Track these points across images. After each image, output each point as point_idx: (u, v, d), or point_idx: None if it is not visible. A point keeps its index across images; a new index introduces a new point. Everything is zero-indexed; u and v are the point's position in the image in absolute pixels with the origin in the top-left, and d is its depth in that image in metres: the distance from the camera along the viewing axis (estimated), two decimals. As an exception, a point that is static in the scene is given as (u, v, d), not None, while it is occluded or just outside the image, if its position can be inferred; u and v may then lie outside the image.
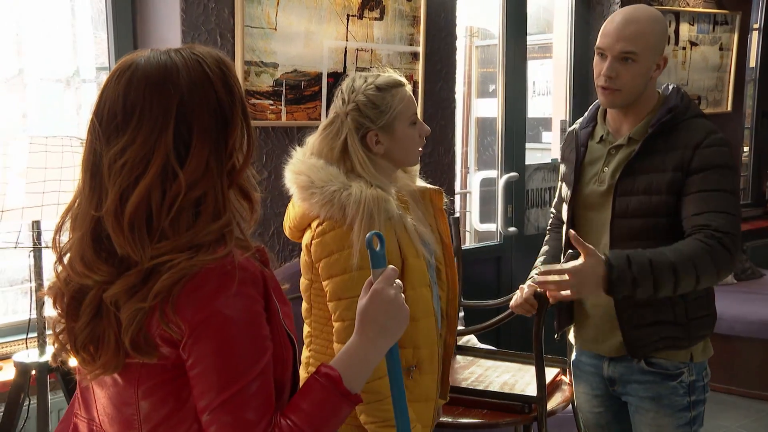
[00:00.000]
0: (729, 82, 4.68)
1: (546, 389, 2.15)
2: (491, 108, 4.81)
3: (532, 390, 2.21)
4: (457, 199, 4.78)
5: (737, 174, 1.94)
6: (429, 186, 1.89)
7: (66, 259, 1.10)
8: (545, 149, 4.86)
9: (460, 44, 3.62)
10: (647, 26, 1.90)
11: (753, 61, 5.31)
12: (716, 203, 1.83)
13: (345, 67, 3.07)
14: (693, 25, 4.37)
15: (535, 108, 4.40)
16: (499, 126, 4.00)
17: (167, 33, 2.68)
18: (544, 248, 2.24)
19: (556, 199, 2.24)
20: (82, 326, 1.08)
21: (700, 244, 1.78)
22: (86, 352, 1.09)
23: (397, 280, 1.19)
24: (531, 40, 4.07)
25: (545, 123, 5.18)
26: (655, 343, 1.93)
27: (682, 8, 4.27)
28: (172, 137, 1.05)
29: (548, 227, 2.28)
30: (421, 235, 1.76)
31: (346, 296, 1.63)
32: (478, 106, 5.74)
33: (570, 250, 2.09)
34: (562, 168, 2.13)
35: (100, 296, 1.06)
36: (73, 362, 2.45)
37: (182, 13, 2.63)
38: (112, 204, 1.04)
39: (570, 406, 2.34)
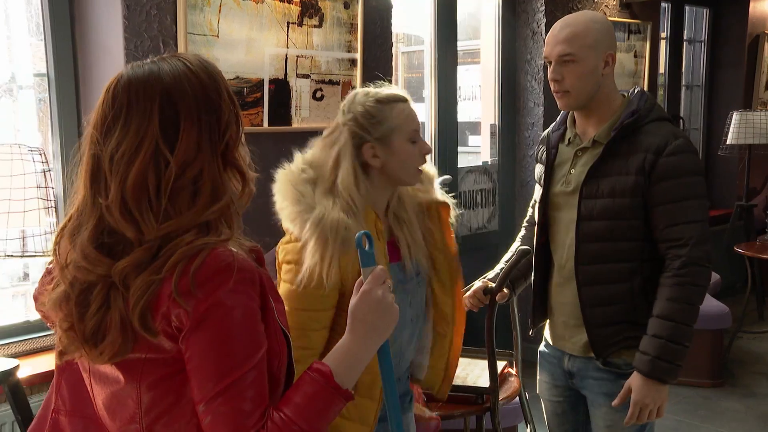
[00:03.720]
0: (643, 87, 4.95)
1: (498, 380, 2.25)
2: (419, 112, 4.92)
3: (483, 382, 2.30)
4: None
5: (703, 177, 2.01)
6: (437, 199, 1.87)
7: (71, 266, 1.13)
8: (473, 152, 5.00)
9: (389, 50, 3.71)
10: (582, 27, 1.97)
11: (662, 67, 5.64)
12: (687, 213, 1.92)
13: (286, 73, 3.10)
14: (611, 33, 4.61)
15: (461, 112, 4.54)
16: (432, 130, 4.11)
17: (109, 39, 2.65)
18: (516, 244, 2.32)
19: (533, 199, 2.31)
20: (92, 314, 1.10)
21: (681, 286, 1.90)
22: (94, 341, 1.11)
23: (387, 280, 1.24)
24: (458, 46, 4.20)
25: (471, 127, 5.34)
26: (618, 343, 2.02)
27: (600, 17, 4.50)
28: (158, 122, 1.11)
29: (524, 223, 2.36)
30: (409, 255, 1.78)
31: (287, 306, 1.64)
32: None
33: (522, 247, 2.20)
34: (537, 169, 2.20)
35: (108, 288, 1.10)
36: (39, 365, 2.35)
37: (124, 19, 2.61)
38: (116, 193, 1.10)
39: (517, 397, 2.45)
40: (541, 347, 2.24)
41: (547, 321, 2.19)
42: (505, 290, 2.19)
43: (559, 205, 2.09)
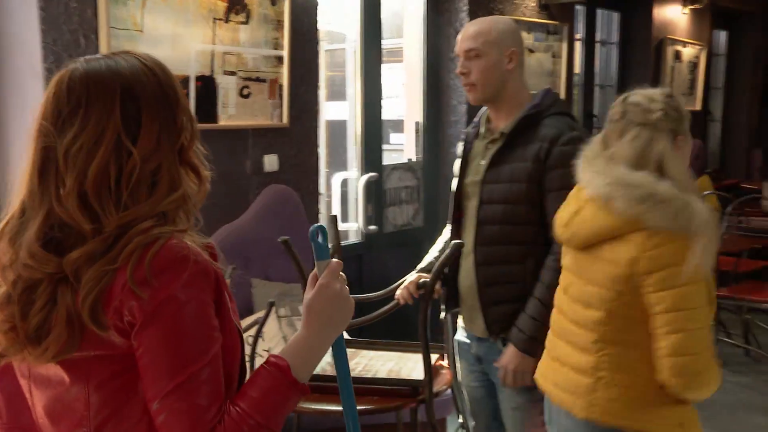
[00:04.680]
0: (560, 86, 5.11)
1: (432, 372, 2.28)
2: (341, 111, 4.93)
3: (417, 375, 2.33)
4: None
5: None
6: None
7: (14, 265, 1.09)
8: (397, 150, 5.04)
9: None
10: (486, 25, 2.18)
11: (578, 67, 5.84)
12: None
13: (212, 70, 3.05)
14: (530, 33, 4.74)
15: (384, 110, 4.59)
16: (358, 128, 4.13)
17: (24, 31, 2.55)
18: (442, 238, 2.47)
19: None
20: (36, 311, 1.07)
21: (554, 270, 2.01)
22: (37, 338, 1.07)
23: (341, 273, 1.24)
24: (382, 44, 4.22)
25: (394, 125, 5.37)
26: (512, 322, 2.14)
27: (520, 18, 4.62)
28: (120, 115, 1.10)
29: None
30: None
31: (688, 307, 1.66)
32: (327, 109, 5.83)
33: (456, 240, 2.28)
34: (455, 164, 2.35)
35: (55, 284, 1.07)
36: None
37: (41, 10, 2.52)
38: (73, 185, 1.08)
39: (449, 389, 2.50)
40: (457, 335, 2.38)
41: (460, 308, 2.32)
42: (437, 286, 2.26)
43: (469, 194, 2.24)
